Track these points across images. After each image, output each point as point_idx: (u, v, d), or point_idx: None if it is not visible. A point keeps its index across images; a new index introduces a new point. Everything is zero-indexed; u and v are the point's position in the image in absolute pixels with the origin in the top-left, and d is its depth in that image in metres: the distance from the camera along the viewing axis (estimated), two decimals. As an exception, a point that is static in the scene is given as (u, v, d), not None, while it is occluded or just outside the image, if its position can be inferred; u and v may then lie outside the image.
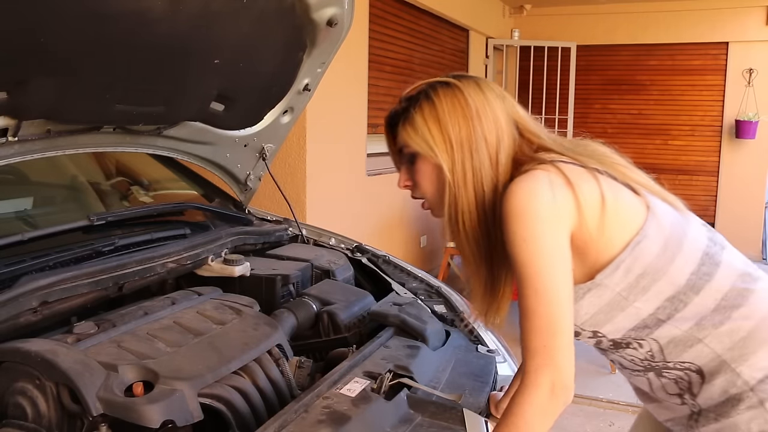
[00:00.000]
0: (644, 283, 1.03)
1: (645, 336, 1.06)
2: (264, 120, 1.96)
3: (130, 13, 1.25)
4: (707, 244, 1.08)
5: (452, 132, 1.06)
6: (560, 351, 0.97)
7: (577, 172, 1.03)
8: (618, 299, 1.04)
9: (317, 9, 1.64)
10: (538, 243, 0.97)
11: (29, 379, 1.13)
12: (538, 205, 0.98)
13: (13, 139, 1.37)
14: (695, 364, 1.05)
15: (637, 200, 1.06)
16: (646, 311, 1.04)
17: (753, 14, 6.18)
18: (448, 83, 1.10)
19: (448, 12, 5.25)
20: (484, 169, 1.06)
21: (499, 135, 1.07)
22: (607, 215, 1.01)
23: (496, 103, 1.09)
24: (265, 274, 1.76)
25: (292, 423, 1.11)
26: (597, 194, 1.02)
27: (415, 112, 1.09)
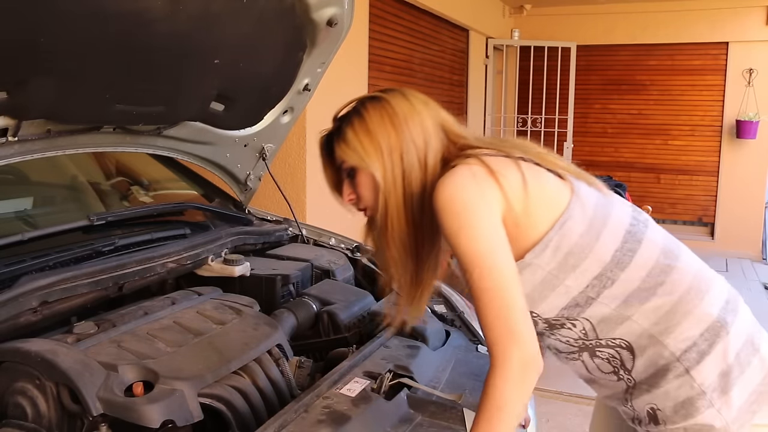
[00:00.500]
0: (572, 261, 1.09)
1: (577, 315, 1.12)
2: (264, 120, 1.97)
3: (130, 13, 1.25)
4: (630, 222, 1.14)
5: (382, 140, 1.13)
6: (519, 324, 1.01)
7: (499, 161, 1.10)
8: (549, 278, 1.10)
9: (317, 9, 1.64)
10: (473, 228, 1.03)
11: (29, 379, 1.13)
12: (465, 195, 1.04)
13: (13, 139, 1.37)
14: (625, 340, 1.11)
15: (561, 183, 1.13)
16: (576, 289, 1.10)
17: (753, 14, 6.18)
18: (375, 97, 1.18)
19: (448, 12, 5.25)
20: (413, 172, 1.13)
21: (426, 138, 1.14)
22: (531, 197, 1.08)
23: (421, 110, 1.17)
24: (265, 274, 1.77)
25: (292, 423, 1.11)
26: (519, 178, 1.08)
27: (346, 128, 1.16)
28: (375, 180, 1.13)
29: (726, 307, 1.13)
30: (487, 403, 1.01)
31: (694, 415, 1.08)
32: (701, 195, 6.64)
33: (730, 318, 1.12)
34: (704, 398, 1.08)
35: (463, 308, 1.78)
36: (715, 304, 1.12)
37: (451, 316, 1.75)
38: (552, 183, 1.12)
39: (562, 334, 1.16)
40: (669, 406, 1.10)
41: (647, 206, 5.44)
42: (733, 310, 1.13)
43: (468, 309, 1.80)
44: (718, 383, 1.08)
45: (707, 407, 1.07)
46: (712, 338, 1.09)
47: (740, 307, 1.16)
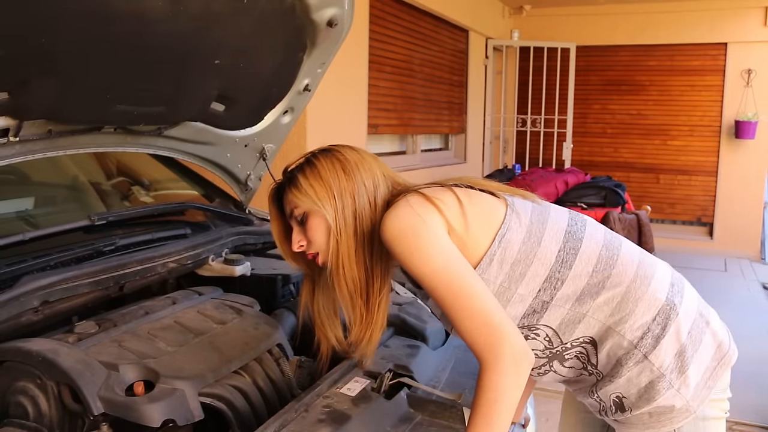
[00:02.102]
0: (519, 270, 1.13)
1: (536, 322, 1.15)
2: (264, 120, 1.97)
3: (131, 13, 1.26)
4: (568, 222, 1.19)
5: (333, 183, 1.18)
6: (499, 322, 1.03)
7: (434, 190, 1.16)
8: (501, 290, 1.13)
9: (317, 9, 1.64)
10: (423, 249, 1.07)
11: (30, 379, 1.13)
12: (408, 222, 1.09)
13: (15, 139, 1.38)
14: (587, 335, 1.15)
15: (496, 200, 1.19)
16: (530, 295, 1.13)
17: (752, 15, 6.19)
18: (327, 149, 1.25)
19: (448, 12, 5.25)
20: (365, 212, 1.18)
21: (375, 182, 1.21)
22: (469, 216, 1.13)
23: (370, 160, 1.24)
24: (266, 273, 1.77)
25: (293, 422, 1.11)
26: (455, 200, 1.14)
27: (298, 174, 1.22)
28: (327, 222, 1.17)
29: (672, 290, 1.17)
30: (482, 398, 1.02)
31: (656, 397, 1.12)
32: (700, 195, 6.65)
33: (678, 299, 1.16)
34: (664, 380, 1.12)
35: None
36: (661, 289, 1.16)
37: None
38: (487, 200, 1.18)
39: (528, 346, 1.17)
40: (633, 392, 1.14)
41: (646, 206, 5.45)
42: (679, 292, 1.18)
43: None
44: (675, 364, 1.13)
45: (667, 388, 1.12)
46: (664, 321, 1.14)
47: (685, 287, 1.21)
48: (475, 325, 1.04)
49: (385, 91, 4.56)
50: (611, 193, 5.11)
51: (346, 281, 1.18)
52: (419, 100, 5.11)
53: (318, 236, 1.19)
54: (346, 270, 1.17)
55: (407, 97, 4.92)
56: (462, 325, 1.05)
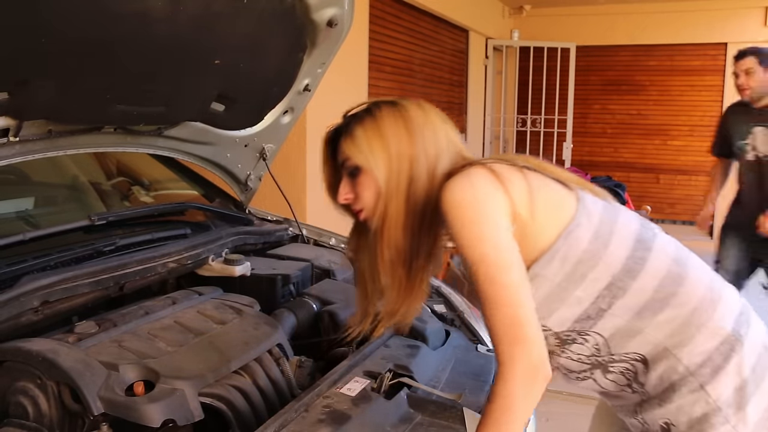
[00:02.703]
0: (581, 271, 1.06)
1: (588, 329, 1.08)
2: (264, 120, 1.97)
3: (131, 13, 1.26)
4: (639, 230, 1.12)
5: (392, 143, 1.11)
6: (526, 324, 0.98)
7: (504, 168, 1.08)
8: (558, 290, 1.06)
9: (317, 9, 1.64)
10: (481, 226, 1.01)
11: (30, 379, 1.13)
12: (474, 193, 1.02)
13: (15, 139, 1.38)
14: (639, 353, 1.08)
15: (567, 192, 1.11)
16: (587, 300, 1.06)
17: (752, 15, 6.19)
18: (392, 102, 1.16)
19: (448, 12, 5.25)
20: (420, 182, 1.11)
21: (438, 149, 1.12)
22: (537, 204, 1.05)
23: (437, 123, 1.15)
24: (266, 273, 1.77)
25: (293, 422, 1.11)
26: (524, 185, 1.06)
27: (356, 125, 1.14)
28: (377, 183, 1.11)
29: (739, 319, 1.09)
30: (494, 403, 0.99)
31: (708, 431, 1.04)
32: (700, 195, 6.63)
33: (744, 330, 1.08)
34: (720, 414, 1.04)
35: (462, 308, 1.78)
36: (727, 316, 1.08)
37: (451, 315, 1.75)
38: (557, 191, 1.10)
39: (573, 350, 1.12)
40: (683, 421, 1.06)
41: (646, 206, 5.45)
42: (746, 322, 1.10)
43: (468, 309, 1.80)
44: (734, 399, 1.05)
45: (722, 423, 1.04)
46: (727, 352, 1.05)
47: (752, 317, 1.13)
48: (502, 321, 0.99)
49: (385, 91, 4.56)
50: (611, 193, 5.10)
51: (389, 248, 1.11)
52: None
53: (366, 194, 1.12)
54: (391, 236, 1.10)
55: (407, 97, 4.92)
56: (490, 318, 1.00)
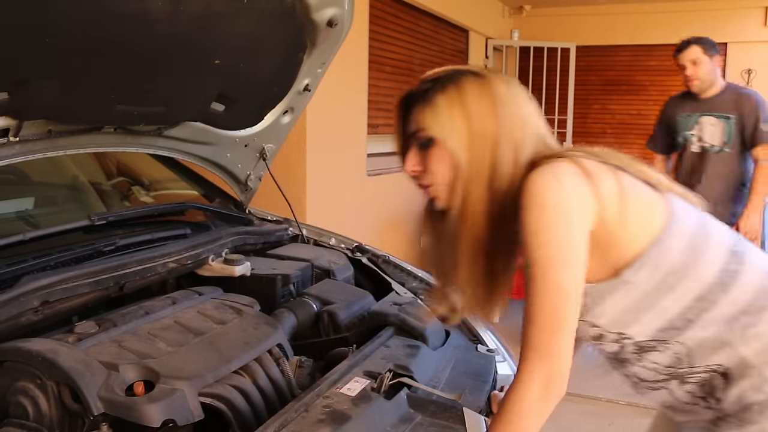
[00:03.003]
0: (672, 281, 1.00)
1: (672, 338, 1.03)
2: (264, 120, 1.97)
3: (131, 13, 1.26)
4: (732, 241, 1.06)
5: (476, 122, 1.02)
6: (559, 345, 0.95)
7: (595, 166, 1.00)
8: (646, 298, 1.01)
9: (317, 9, 1.64)
10: (552, 233, 0.95)
11: (30, 379, 1.13)
12: (557, 195, 0.95)
13: (15, 139, 1.38)
14: (723, 366, 1.02)
15: (659, 198, 1.04)
16: (675, 311, 1.01)
17: (752, 15, 6.18)
18: (478, 73, 1.06)
19: (448, 12, 5.25)
20: (504, 166, 1.02)
21: (524, 133, 1.04)
22: (629, 210, 0.99)
23: (523, 102, 1.07)
24: (266, 273, 1.77)
25: (293, 422, 1.11)
26: (615, 185, 0.99)
27: (438, 94, 1.04)
28: (455, 160, 1.02)
29: None
30: (503, 412, 0.98)
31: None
32: (700, 195, 6.64)
33: None
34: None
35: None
36: None
37: (450, 315, 1.75)
38: (649, 195, 1.04)
39: (650, 359, 1.06)
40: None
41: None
42: None
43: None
44: None
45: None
46: None
47: None
48: (541, 326, 0.95)
49: (385, 91, 4.56)
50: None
51: (471, 238, 1.03)
52: (419, 100, 5.10)
53: (439, 170, 1.04)
54: (474, 225, 1.02)
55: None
56: (530, 315, 0.97)
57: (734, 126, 3.18)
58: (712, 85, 3.24)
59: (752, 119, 3.16)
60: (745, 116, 3.17)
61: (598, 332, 1.08)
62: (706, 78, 3.21)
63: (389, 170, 4.63)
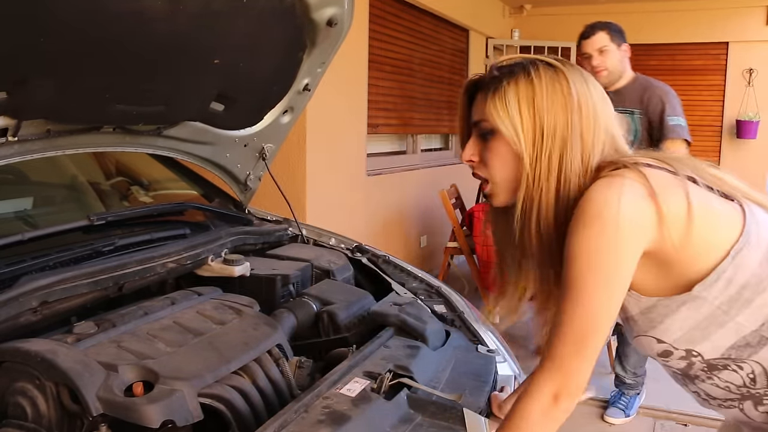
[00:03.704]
0: (747, 295, 0.95)
1: (746, 357, 0.98)
2: (264, 120, 1.96)
3: (130, 12, 1.25)
4: None
5: (546, 119, 0.97)
6: (579, 363, 0.94)
7: (664, 180, 0.95)
8: (717, 313, 0.96)
9: (317, 9, 1.64)
10: (598, 258, 0.91)
11: (29, 379, 1.13)
12: (610, 218, 0.90)
13: (13, 139, 1.37)
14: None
15: (732, 206, 1.00)
16: (749, 327, 0.96)
17: (753, 14, 6.18)
18: (552, 65, 1.01)
19: (448, 12, 5.25)
20: (573, 169, 0.97)
21: (596, 135, 0.98)
22: (696, 226, 0.93)
23: (598, 101, 1.01)
24: (265, 274, 1.76)
25: (292, 423, 1.11)
26: (683, 204, 0.93)
27: (508, 84, 0.99)
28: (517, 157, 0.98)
29: None
30: (512, 420, 0.98)
31: None
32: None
33: None
34: None
35: (463, 309, 1.78)
36: None
37: (451, 316, 1.75)
38: (722, 207, 0.99)
39: (722, 377, 1.02)
40: None
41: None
42: None
43: (468, 309, 1.79)
44: None
45: None
46: None
47: None
48: (564, 343, 0.93)
49: (385, 91, 4.56)
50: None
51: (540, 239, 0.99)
52: (419, 99, 5.11)
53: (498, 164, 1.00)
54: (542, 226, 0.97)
55: (407, 97, 4.92)
56: (558, 331, 0.94)
57: (639, 121, 2.89)
58: (620, 77, 2.95)
59: (657, 113, 2.88)
60: (650, 110, 2.89)
61: (665, 348, 1.04)
62: (615, 69, 2.92)
63: (389, 170, 4.63)
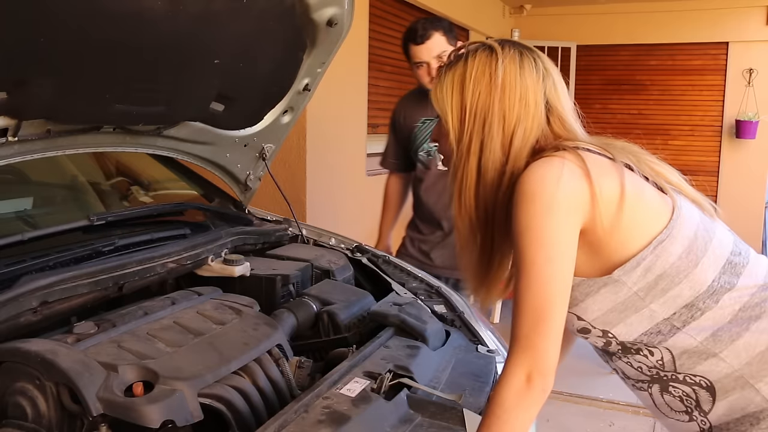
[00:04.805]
0: (663, 285, 0.99)
1: (657, 343, 1.03)
2: (264, 120, 1.97)
3: (130, 12, 1.25)
4: (732, 250, 1.05)
5: (469, 100, 1.03)
6: (542, 340, 0.95)
7: (600, 164, 1.00)
8: (634, 299, 1.01)
9: (317, 9, 1.64)
10: (541, 233, 0.95)
11: (29, 379, 1.13)
12: (549, 194, 0.95)
13: (13, 139, 1.37)
14: (707, 379, 1.01)
15: (664, 199, 1.04)
16: (662, 315, 1.00)
17: (753, 14, 6.18)
18: (491, 48, 1.06)
19: (448, 12, 5.25)
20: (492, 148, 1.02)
21: (520, 115, 1.03)
22: (626, 211, 0.98)
23: (530, 81, 1.05)
24: (265, 274, 1.76)
25: (292, 423, 1.11)
26: (617, 189, 0.98)
27: (446, 70, 1.07)
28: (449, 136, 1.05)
29: None
30: (489, 408, 0.99)
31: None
32: (701, 195, 6.64)
33: None
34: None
35: (463, 309, 1.78)
36: None
37: (451, 316, 1.75)
38: (653, 197, 1.03)
39: (635, 359, 1.07)
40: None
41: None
42: None
43: (468, 309, 1.79)
44: None
45: None
46: None
47: None
48: (523, 322, 0.95)
49: (385, 91, 4.55)
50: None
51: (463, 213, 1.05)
52: (419, 99, 5.10)
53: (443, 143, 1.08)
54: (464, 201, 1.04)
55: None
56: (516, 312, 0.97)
57: None
58: None
59: None
60: None
61: (584, 326, 1.09)
62: None
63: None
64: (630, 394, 1.30)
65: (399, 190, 2.63)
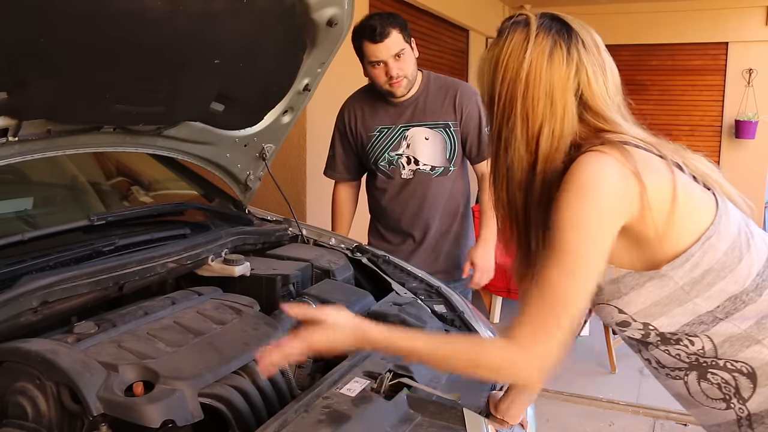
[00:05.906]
0: (709, 280, 1.00)
1: (699, 332, 1.03)
2: (264, 120, 1.97)
3: (130, 13, 1.25)
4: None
5: (497, 89, 1.02)
6: (553, 329, 0.95)
7: (651, 162, 0.99)
8: (679, 293, 1.01)
9: (317, 9, 1.64)
10: (585, 227, 0.94)
11: (29, 379, 1.13)
12: (600, 190, 0.94)
13: (14, 139, 1.38)
14: (749, 365, 1.01)
15: (707, 195, 1.05)
16: (705, 308, 1.01)
17: (753, 14, 6.19)
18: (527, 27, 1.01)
19: (448, 12, 5.25)
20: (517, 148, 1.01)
21: (545, 116, 0.99)
22: (678, 209, 0.97)
23: (557, 77, 1.00)
24: (265, 274, 1.76)
25: (293, 423, 1.11)
26: (668, 188, 0.98)
27: (485, 52, 1.06)
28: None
29: None
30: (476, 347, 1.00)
31: None
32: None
33: None
34: None
35: (463, 308, 1.78)
36: None
37: (451, 316, 1.75)
38: (699, 195, 1.04)
39: (674, 348, 1.07)
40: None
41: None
42: None
43: (468, 309, 1.80)
44: None
45: None
46: None
47: None
48: (547, 308, 0.94)
49: (386, 91, 4.55)
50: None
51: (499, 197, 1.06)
52: (419, 99, 5.10)
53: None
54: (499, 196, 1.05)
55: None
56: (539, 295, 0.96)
57: (456, 135, 2.24)
58: (412, 85, 2.25)
59: (474, 123, 2.23)
60: (465, 121, 2.23)
61: (624, 319, 1.07)
62: (413, 74, 2.22)
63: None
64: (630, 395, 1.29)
65: (350, 198, 2.47)
